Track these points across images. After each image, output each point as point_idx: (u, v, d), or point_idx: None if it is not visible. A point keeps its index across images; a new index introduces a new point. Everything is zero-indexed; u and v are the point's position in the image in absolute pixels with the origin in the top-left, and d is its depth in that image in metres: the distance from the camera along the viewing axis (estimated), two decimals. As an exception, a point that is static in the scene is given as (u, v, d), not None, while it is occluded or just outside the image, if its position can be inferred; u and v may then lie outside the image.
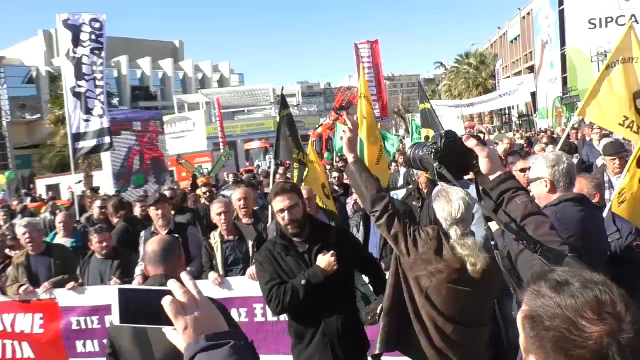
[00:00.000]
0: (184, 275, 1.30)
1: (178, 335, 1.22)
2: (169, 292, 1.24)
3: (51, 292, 5.52)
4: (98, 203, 8.46)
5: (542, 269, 1.48)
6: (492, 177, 1.96)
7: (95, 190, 15.74)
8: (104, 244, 5.69)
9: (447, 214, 2.89)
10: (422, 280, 2.89)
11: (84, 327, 5.43)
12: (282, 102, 7.54)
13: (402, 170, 11.43)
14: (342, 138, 3.06)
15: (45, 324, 5.55)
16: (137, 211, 7.90)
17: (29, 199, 23.69)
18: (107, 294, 5.13)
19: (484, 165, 1.96)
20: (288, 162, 8.77)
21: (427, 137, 7.65)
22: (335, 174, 9.13)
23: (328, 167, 13.74)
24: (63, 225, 7.06)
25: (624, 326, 1.04)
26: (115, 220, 7.50)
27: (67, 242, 6.84)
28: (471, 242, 2.81)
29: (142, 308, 1.26)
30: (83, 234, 7.51)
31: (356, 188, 3.11)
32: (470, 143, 1.97)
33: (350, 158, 3.05)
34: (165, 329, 1.25)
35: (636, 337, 1.03)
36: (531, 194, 2.94)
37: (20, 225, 6.09)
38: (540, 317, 1.11)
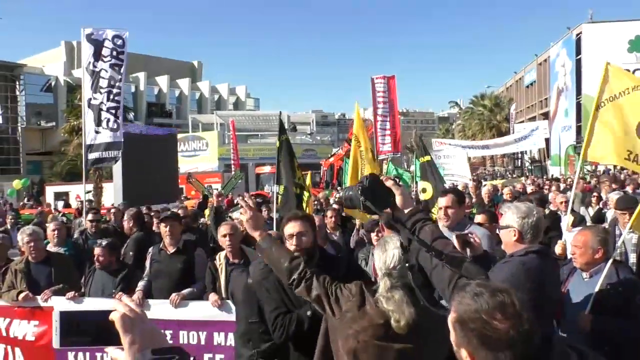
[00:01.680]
0: (125, 297, 1.35)
1: (124, 351, 1.24)
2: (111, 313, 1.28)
3: (50, 299, 5.47)
4: (90, 216, 8.38)
5: (452, 279, 2.21)
6: (406, 211, 2.52)
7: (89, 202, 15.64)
8: (101, 258, 5.67)
9: (382, 262, 2.75)
10: (350, 341, 2.70)
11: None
12: (280, 127, 7.57)
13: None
14: (245, 219, 3.03)
15: (39, 331, 5.48)
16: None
17: (61, 203, 23.81)
18: (105, 306, 5.06)
19: (398, 200, 2.53)
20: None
21: (424, 190, 7.69)
22: (335, 206, 8.97)
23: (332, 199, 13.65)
24: (57, 233, 6.99)
25: (522, 320, 1.49)
26: (133, 231, 7.53)
27: (59, 250, 6.79)
28: (398, 295, 2.61)
29: (83, 329, 1.28)
30: (75, 244, 7.50)
31: (270, 263, 3.04)
32: (388, 183, 2.55)
33: (256, 236, 3.04)
34: (109, 349, 1.27)
35: (530, 327, 1.50)
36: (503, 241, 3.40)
37: (24, 232, 6.03)
38: (465, 320, 1.54)
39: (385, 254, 2.76)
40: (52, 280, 5.72)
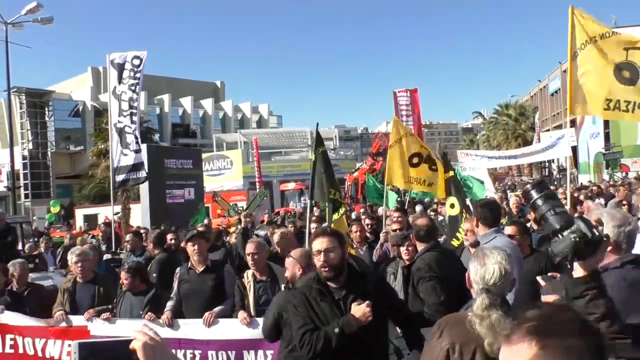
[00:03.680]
0: (145, 322, 1.37)
1: None
2: (130, 342, 1.29)
3: (91, 319, 5.63)
4: (128, 237, 8.55)
5: None
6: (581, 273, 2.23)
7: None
8: (125, 282, 5.77)
9: (480, 277, 2.59)
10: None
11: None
12: (317, 139, 7.39)
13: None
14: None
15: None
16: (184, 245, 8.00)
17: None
18: (133, 327, 5.11)
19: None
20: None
21: (452, 205, 7.30)
22: (367, 221, 8.96)
23: (361, 210, 13.60)
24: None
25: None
26: (156, 252, 7.58)
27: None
28: (495, 316, 2.32)
29: (103, 357, 1.32)
30: (108, 267, 7.65)
31: None
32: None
33: None
34: None
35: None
36: None
37: (73, 253, 6.23)
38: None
39: (484, 268, 2.61)
40: (96, 300, 5.90)
